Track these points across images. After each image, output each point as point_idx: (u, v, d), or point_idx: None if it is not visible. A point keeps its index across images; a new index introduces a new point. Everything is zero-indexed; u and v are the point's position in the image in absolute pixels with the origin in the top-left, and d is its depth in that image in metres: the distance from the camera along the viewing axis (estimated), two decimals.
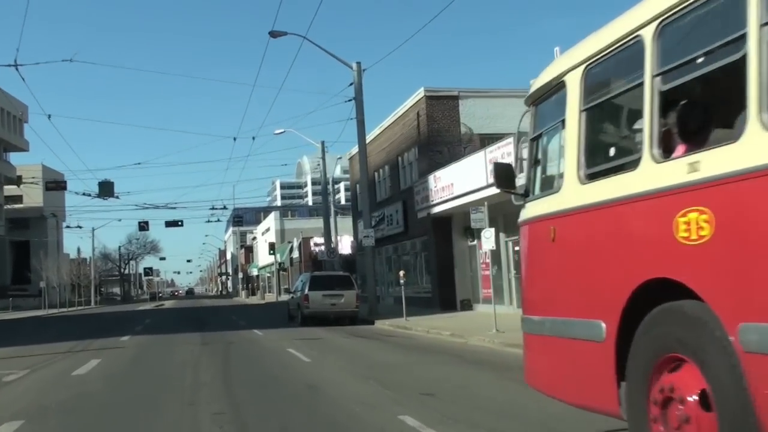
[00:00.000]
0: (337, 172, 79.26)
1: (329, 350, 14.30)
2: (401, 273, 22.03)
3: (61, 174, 60.40)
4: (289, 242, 67.19)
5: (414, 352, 13.66)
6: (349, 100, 26.79)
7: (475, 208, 16.40)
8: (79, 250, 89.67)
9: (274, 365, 11.76)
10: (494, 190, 20.14)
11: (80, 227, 64.72)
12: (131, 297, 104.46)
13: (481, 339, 14.92)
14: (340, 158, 51.61)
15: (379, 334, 18.48)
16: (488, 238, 15.69)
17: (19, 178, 60.49)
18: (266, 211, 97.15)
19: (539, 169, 6.37)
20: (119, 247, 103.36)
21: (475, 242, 25.04)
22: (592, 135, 5.29)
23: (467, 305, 25.20)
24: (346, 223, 50.32)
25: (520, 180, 6.62)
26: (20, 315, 48.94)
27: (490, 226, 16.95)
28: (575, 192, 5.22)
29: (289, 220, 79.56)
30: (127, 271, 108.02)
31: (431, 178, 24.89)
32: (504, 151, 19.07)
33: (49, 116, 27.99)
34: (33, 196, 67.71)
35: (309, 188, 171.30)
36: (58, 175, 59.91)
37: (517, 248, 21.82)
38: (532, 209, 6.10)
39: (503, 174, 6.50)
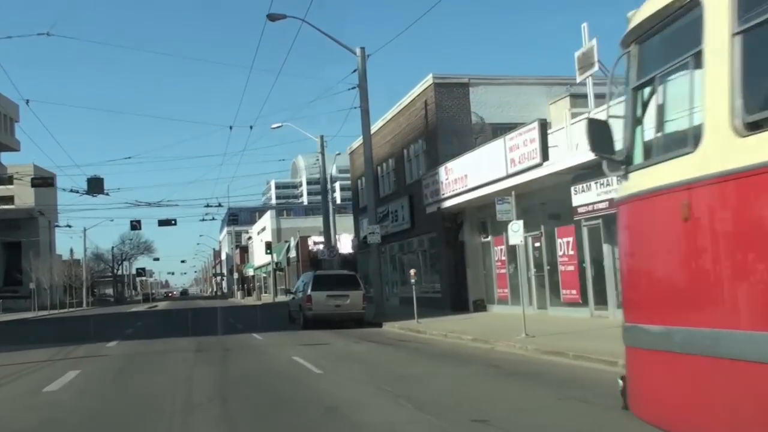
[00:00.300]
0: (333, 171, 77.55)
1: (340, 358, 12.67)
2: (412, 272, 20.40)
3: (53, 174, 58.66)
4: (286, 241, 65.57)
5: (438, 360, 12.03)
6: (353, 88, 25.19)
7: (501, 199, 14.79)
8: (71, 250, 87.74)
9: (280, 379, 10.10)
10: (515, 181, 18.59)
11: (70, 226, 62.88)
12: (125, 298, 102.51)
13: (510, 345, 13.30)
14: (338, 155, 50.05)
15: (392, 339, 16.83)
16: (516, 232, 14.07)
17: (10, 177, 59.06)
18: (261, 210, 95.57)
19: (648, 127, 4.73)
20: (112, 247, 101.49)
21: (489, 238, 23.46)
22: (755, 66, 3.67)
23: (480, 306, 23.57)
24: (342, 222, 48.86)
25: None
26: (8, 317, 47.21)
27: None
28: (729, 149, 3.60)
29: (285, 219, 77.99)
30: (120, 272, 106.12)
31: (442, 169, 23.26)
32: (526, 138, 17.45)
33: (27, 101, 26.08)
34: (24, 197, 66.28)
35: (304, 188, 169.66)
36: (49, 174, 58.17)
37: (537, 244, 20.23)
38: (640, 180, 4.48)
39: (599, 133, 4.85)
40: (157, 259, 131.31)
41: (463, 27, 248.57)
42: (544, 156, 16.82)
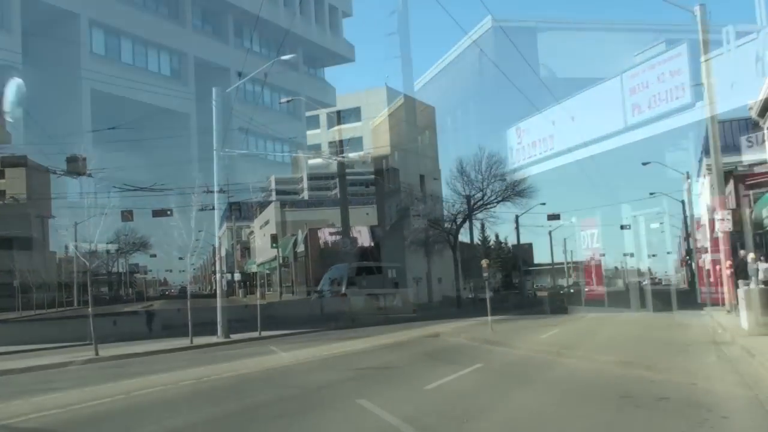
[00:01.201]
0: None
1: (447, 406, 7.52)
2: (484, 263, 15.25)
3: (46, 166, 54.49)
4: (293, 235, 60.44)
5: (633, 413, 6.82)
6: (391, 34, 20.15)
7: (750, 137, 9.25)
8: (66, 247, 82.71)
9: None
10: (639, 135, 13.53)
11: (53, 217, 58.05)
12: (121, 297, 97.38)
13: (732, 384, 7.81)
14: (351, 139, 44.95)
15: (478, 357, 11.54)
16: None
17: (3, 172, 55.86)
18: (262, 205, 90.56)
19: None
20: (107, 243, 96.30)
21: (574, 220, 18.39)
22: None
23: (560, 308, 18.40)
24: (351, 214, 44.09)
25: None
26: None
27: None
28: None
29: (290, 212, 72.80)
30: (116, 270, 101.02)
31: (512, 132, 18.11)
32: (663, 70, 12.28)
33: None
34: (17, 191, 62.32)
35: (305, 183, 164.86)
36: (43, 167, 54.17)
37: (655, 225, 15.08)
38: None
39: None
40: (153, 256, 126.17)
41: None
42: (697, 93, 11.69)
